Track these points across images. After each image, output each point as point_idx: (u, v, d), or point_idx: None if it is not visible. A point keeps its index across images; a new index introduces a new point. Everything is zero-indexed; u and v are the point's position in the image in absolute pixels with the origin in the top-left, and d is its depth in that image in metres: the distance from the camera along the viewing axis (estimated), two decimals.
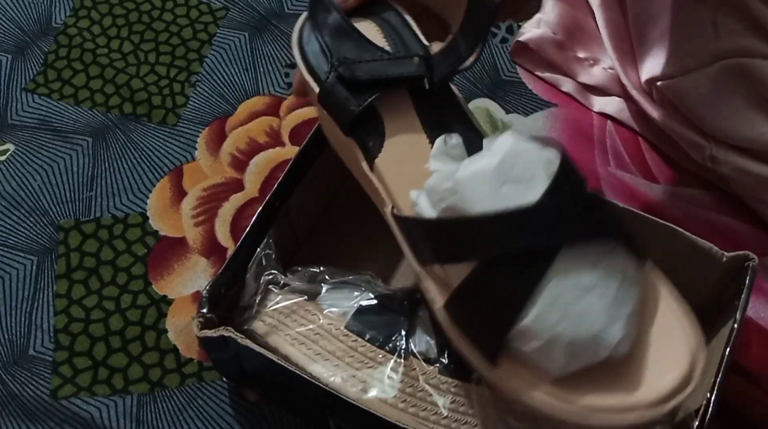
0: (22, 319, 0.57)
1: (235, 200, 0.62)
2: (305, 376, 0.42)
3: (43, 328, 0.56)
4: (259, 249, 0.48)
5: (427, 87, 0.42)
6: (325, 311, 0.46)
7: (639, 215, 0.48)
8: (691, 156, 0.60)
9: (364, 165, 0.43)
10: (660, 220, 0.48)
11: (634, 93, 0.61)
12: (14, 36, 0.71)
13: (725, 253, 0.46)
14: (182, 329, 0.56)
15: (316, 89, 0.43)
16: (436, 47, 0.44)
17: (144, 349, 0.55)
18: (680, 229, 0.47)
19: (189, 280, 0.58)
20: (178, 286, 0.58)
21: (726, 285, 0.47)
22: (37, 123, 0.66)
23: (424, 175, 0.40)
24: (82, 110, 0.66)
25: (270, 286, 0.48)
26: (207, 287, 0.45)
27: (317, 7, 0.45)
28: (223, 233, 0.61)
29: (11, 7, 0.72)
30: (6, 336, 0.56)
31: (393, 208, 0.42)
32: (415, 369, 0.43)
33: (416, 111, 0.43)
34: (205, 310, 0.45)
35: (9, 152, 0.64)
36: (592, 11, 0.66)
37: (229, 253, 0.58)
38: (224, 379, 0.54)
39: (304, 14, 0.46)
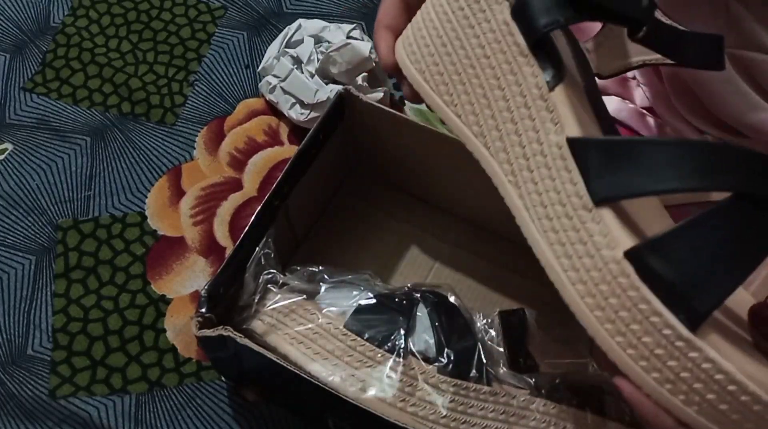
0: (21, 318, 0.56)
1: (234, 200, 0.62)
2: (304, 376, 0.42)
3: (42, 327, 0.56)
4: (258, 248, 0.48)
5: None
6: (324, 310, 0.46)
7: None
8: None
9: (540, 82, 0.37)
10: None
11: (645, 89, 0.61)
12: (12, 35, 0.71)
13: None
14: (181, 329, 0.56)
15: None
16: None
17: (142, 349, 0.55)
18: None
19: (187, 280, 0.58)
20: (176, 285, 0.58)
21: None
22: (35, 122, 0.66)
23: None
24: (81, 109, 0.66)
25: (269, 285, 0.48)
26: (206, 287, 0.45)
27: None
28: (221, 233, 0.60)
29: (9, 6, 0.72)
30: (4, 335, 0.56)
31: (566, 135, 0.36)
32: (414, 368, 0.43)
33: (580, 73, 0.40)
34: (203, 310, 0.45)
35: (7, 151, 0.64)
36: None
37: (228, 252, 0.58)
38: (223, 378, 0.54)
39: None
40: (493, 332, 0.47)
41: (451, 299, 0.48)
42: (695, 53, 0.36)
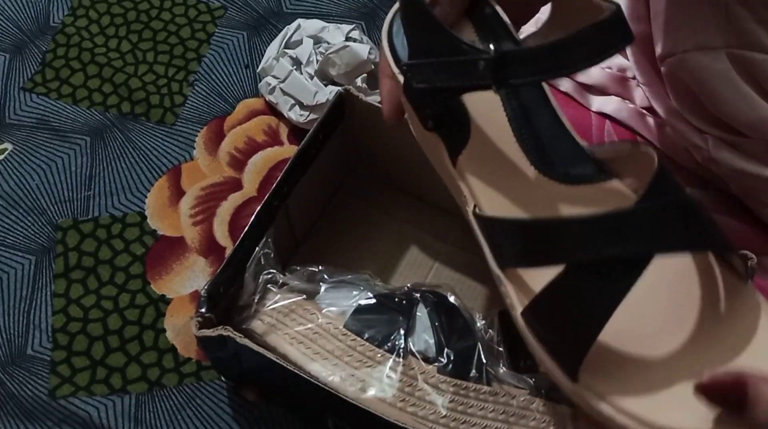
0: (20, 318, 0.56)
1: (234, 199, 0.62)
2: (304, 376, 0.42)
3: (42, 327, 0.56)
4: (257, 248, 0.48)
5: (495, 93, 0.36)
6: (323, 310, 0.46)
7: None
8: (689, 155, 0.60)
9: (447, 161, 0.41)
10: None
11: (645, 89, 0.61)
12: (12, 35, 0.71)
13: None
14: (180, 329, 0.56)
15: (401, 80, 0.40)
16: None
17: (142, 349, 0.55)
18: None
19: (187, 280, 0.58)
20: (176, 285, 0.58)
21: None
22: (35, 122, 0.66)
23: (509, 174, 0.39)
24: (80, 109, 0.66)
25: (269, 285, 0.48)
26: (205, 287, 0.45)
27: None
28: (221, 232, 0.60)
29: (9, 6, 0.72)
30: (4, 335, 0.56)
31: (475, 207, 0.40)
32: (413, 368, 0.43)
33: (503, 106, 0.41)
34: (203, 310, 0.45)
35: (7, 151, 0.64)
36: None
37: (228, 252, 0.58)
38: (222, 378, 0.54)
39: (397, 3, 0.42)
40: (492, 332, 0.47)
41: (451, 299, 0.48)
42: (587, 50, 0.33)
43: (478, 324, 0.47)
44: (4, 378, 0.54)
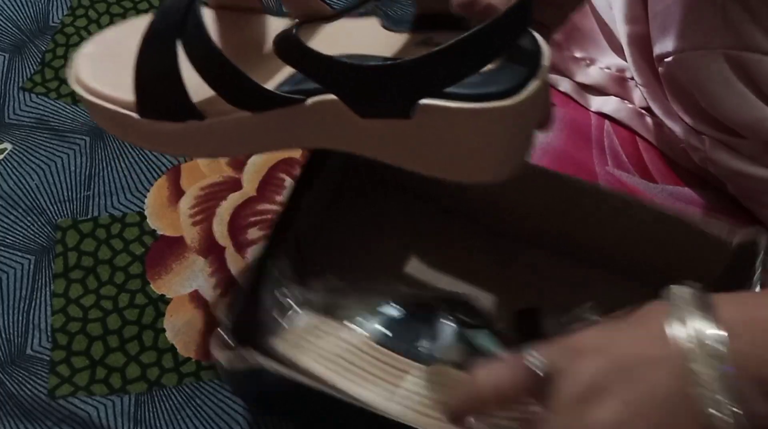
0: (20, 318, 0.56)
1: (233, 199, 0.62)
2: (344, 398, 0.41)
3: (41, 327, 0.56)
4: (271, 265, 0.47)
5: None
6: (346, 323, 0.45)
7: (643, 203, 0.50)
8: (688, 156, 0.60)
9: None
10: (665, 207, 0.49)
11: (643, 90, 0.62)
12: (11, 35, 0.71)
13: (735, 229, 0.47)
14: (180, 328, 0.56)
15: None
16: None
17: (142, 349, 0.55)
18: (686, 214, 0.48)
19: (187, 280, 0.58)
20: (176, 285, 0.58)
21: (734, 267, 0.47)
22: (34, 122, 0.66)
23: None
24: (80, 109, 0.66)
25: (288, 303, 0.46)
26: (225, 316, 0.43)
27: None
28: (220, 232, 0.60)
29: (8, 6, 0.72)
30: (3, 335, 0.56)
31: None
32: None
33: None
34: (227, 337, 0.43)
35: (6, 151, 0.64)
36: (589, 12, 0.66)
37: (228, 252, 0.58)
38: (222, 378, 0.54)
39: None
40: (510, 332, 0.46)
41: (472, 304, 0.48)
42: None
43: (499, 326, 0.47)
44: (3, 378, 0.54)
